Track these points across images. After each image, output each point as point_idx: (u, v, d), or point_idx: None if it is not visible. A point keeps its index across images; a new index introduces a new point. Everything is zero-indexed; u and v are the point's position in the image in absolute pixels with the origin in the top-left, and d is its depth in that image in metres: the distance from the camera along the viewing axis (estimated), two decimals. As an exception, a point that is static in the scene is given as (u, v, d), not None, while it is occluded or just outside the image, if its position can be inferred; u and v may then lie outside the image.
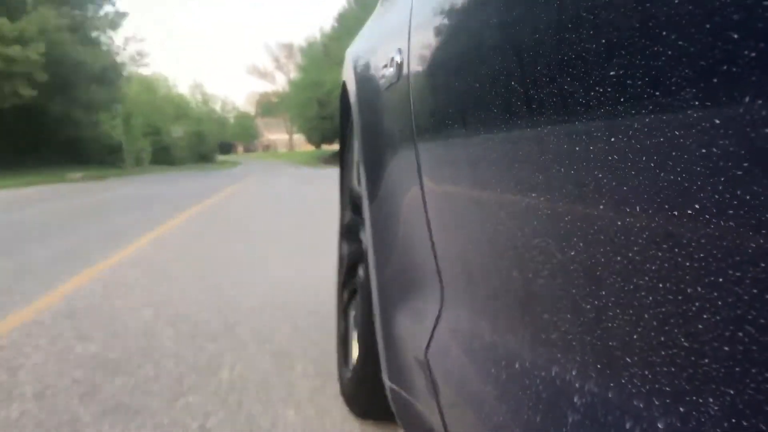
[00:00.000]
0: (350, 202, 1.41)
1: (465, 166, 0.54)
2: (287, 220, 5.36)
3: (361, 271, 1.25)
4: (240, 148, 79.79)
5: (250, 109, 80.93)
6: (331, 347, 1.63)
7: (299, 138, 73.77)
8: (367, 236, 0.99)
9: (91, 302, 2.39)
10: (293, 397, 1.40)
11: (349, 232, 1.44)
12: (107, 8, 29.87)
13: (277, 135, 79.88)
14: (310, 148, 53.49)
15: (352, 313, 1.36)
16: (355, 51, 1.21)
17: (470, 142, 0.52)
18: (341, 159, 1.53)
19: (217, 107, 71.63)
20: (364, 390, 1.18)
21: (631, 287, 0.32)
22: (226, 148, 73.16)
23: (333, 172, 2.94)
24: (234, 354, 1.72)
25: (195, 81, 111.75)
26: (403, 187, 0.77)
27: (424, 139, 0.66)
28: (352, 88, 1.13)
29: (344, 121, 1.41)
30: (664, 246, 0.29)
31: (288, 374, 1.55)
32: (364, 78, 1.03)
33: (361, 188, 1.02)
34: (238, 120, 75.84)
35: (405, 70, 0.72)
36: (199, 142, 44.34)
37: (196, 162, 39.78)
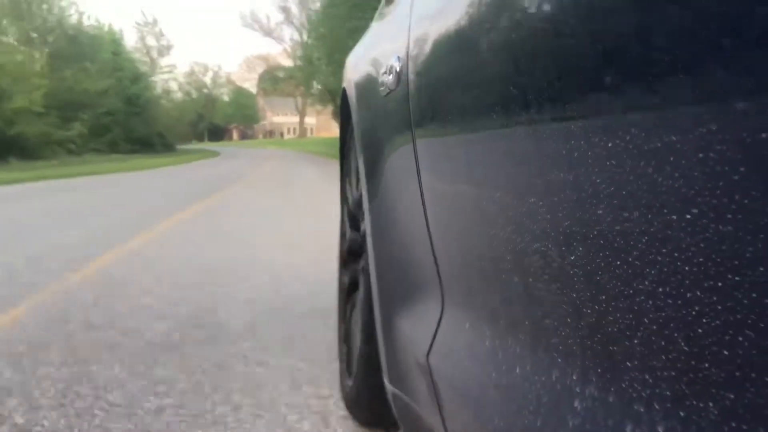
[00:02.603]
0: (352, 205, 1.42)
1: (464, 171, 0.54)
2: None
3: (361, 276, 1.25)
4: (235, 134, 61.96)
5: (248, 81, 59.35)
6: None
7: (315, 122, 56.39)
8: (367, 241, 0.99)
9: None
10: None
11: (352, 229, 1.45)
12: None
13: (283, 117, 61.92)
14: (330, 133, 36.28)
15: (354, 319, 1.37)
16: (356, 57, 1.21)
17: (469, 149, 0.52)
18: (342, 162, 1.55)
19: (207, 78, 54.21)
20: (366, 396, 1.17)
21: (631, 291, 0.32)
22: (217, 133, 57.31)
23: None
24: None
25: (144, 15, 76.01)
26: (403, 192, 0.77)
27: (423, 145, 0.66)
28: (352, 94, 1.14)
29: (344, 125, 1.42)
30: (664, 250, 0.29)
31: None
32: (364, 85, 1.03)
33: (362, 193, 1.03)
34: (235, 97, 57.87)
35: (404, 78, 0.72)
36: (133, 118, 25.66)
37: (129, 152, 22.59)
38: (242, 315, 2.03)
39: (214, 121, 56.78)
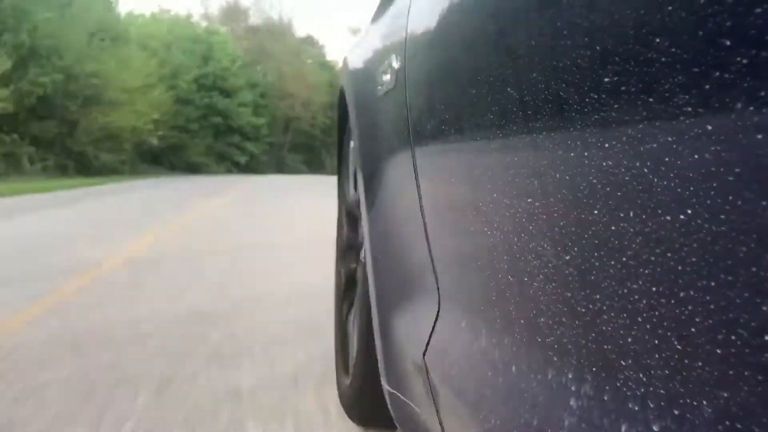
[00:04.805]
0: (347, 211, 1.42)
1: (461, 171, 0.54)
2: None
3: (359, 276, 1.25)
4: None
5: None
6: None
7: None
8: (365, 241, 0.99)
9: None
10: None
11: (349, 228, 1.45)
12: None
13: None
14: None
15: (351, 320, 1.37)
16: (354, 56, 1.21)
17: (466, 148, 0.53)
18: (339, 162, 1.55)
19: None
20: (363, 397, 1.17)
21: (626, 291, 0.32)
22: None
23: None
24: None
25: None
26: (401, 192, 0.77)
27: (420, 145, 0.66)
28: (350, 93, 1.14)
29: (342, 124, 1.42)
30: (658, 250, 0.30)
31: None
32: (362, 83, 1.03)
33: (359, 193, 1.03)
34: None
35: (402, 77, 0.72)
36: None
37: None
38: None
39: (302, 127, 23.40)
